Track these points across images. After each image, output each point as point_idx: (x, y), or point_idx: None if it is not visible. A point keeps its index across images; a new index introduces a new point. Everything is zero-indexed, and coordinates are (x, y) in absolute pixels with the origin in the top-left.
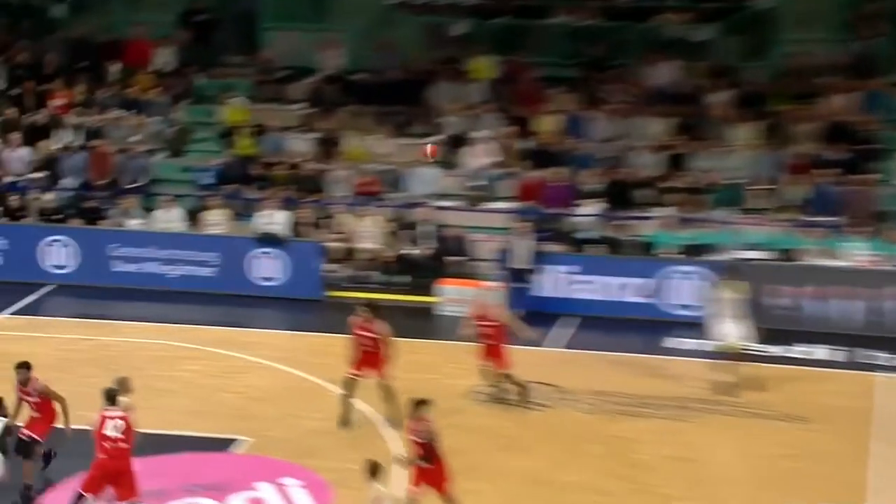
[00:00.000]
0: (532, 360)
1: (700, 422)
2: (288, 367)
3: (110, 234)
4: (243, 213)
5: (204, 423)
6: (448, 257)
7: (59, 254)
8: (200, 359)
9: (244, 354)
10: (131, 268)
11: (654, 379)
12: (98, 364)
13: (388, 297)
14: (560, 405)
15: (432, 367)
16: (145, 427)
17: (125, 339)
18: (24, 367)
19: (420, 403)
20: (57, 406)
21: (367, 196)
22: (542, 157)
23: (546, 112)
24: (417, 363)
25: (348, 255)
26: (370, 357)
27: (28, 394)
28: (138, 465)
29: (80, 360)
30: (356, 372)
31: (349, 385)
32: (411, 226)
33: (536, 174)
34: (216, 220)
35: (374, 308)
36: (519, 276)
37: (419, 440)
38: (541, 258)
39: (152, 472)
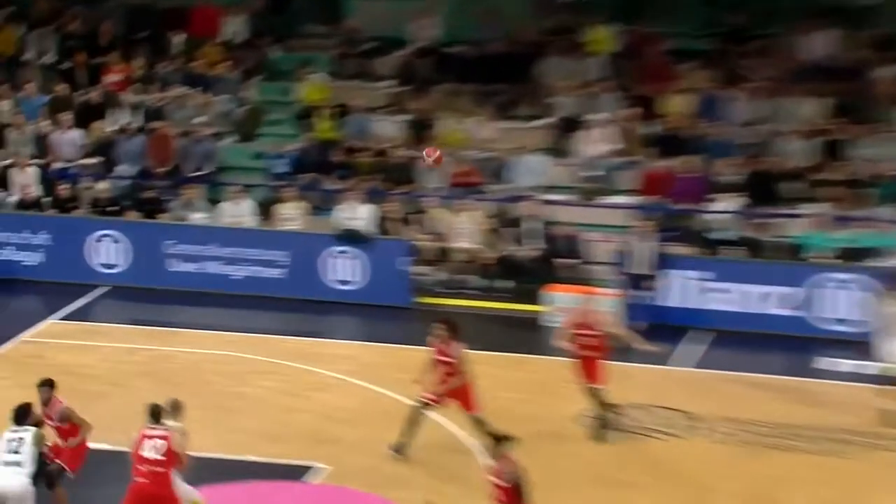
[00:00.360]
0: (655, 380)
1: (862, 458)
2: (370, 383)
3: (166, 230)
4: (322, 206)
5: (275, 447)
6: (558, 259)
7: (108, 251)
8: (271, 373)
9: (321, 369)
10: (190, 267)
11: (803, 406)
12: (156, 378)
13: (487, 304)
14: (688, 434)
15: (537, 387)
16: (209, 451)
17: (185, 349)
18: (47, 385)
19: (502, 440)
20: (83, 432)
21: (464, 188)
22: (670, 144)
23: (676, 91)
24: (520, 382)
25: (442, 256)
26: (448, 383)
27: (49, 417)
28: (201, 494)
29: (134, 372)
30: (432, 398)
31: (420, 410)
32: (515, 223)
33: (663, 164)
34: (291, 215)
35: (452, 327)
36: (640, 282)
37: (503, 484)
38: (666, 262)
39: (216, 503)
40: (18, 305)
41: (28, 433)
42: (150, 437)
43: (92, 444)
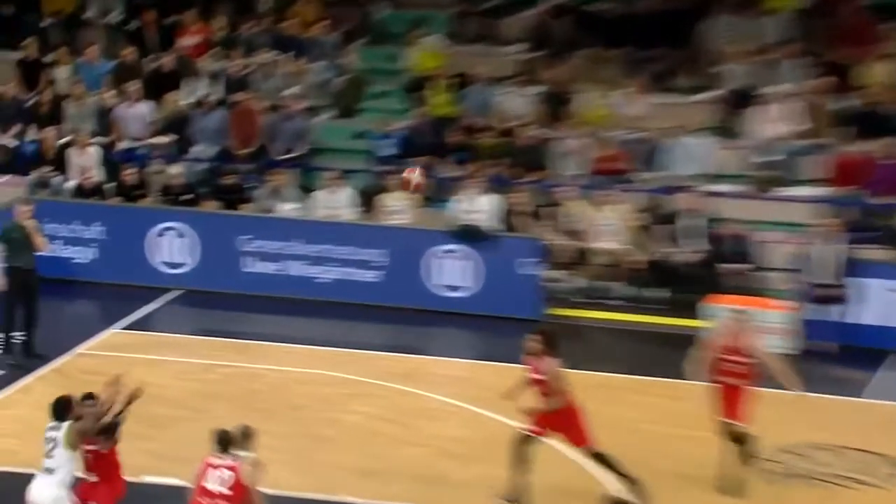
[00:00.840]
0: (847, 415)
1: None
2: (489, 410)
3: (240, 223)
4: (436, 196)
5: (376, 485)
6: (723, 265)
7: (172, 247)
8: (368, 396)
9: (426, 391)
10: (269, 268)
11: None
12: (236, 401)
13: (635, 318)
14: (889, 484)
15: (695, 421)
16: (293, 489)
17: (268, 366)
18: (88, 399)
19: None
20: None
21: (608, 176)
22: (868, 123)
23: (877, 57)
24: (673, 413)
25: (580, 259)
26: (544, 405)
27: (90, 441)
28: None
29: (209, 393)
30: (534, 429)
31: (524, 444)
32: (671, 219)
33: (859, 147)
34: (398, 206)
35: (548, 338)
36: (825, 294)
37: None
38: (859, 269)
39: None
40: (74, 311)
41: (61, 431)
42: (216, 468)
43: (156, 479)
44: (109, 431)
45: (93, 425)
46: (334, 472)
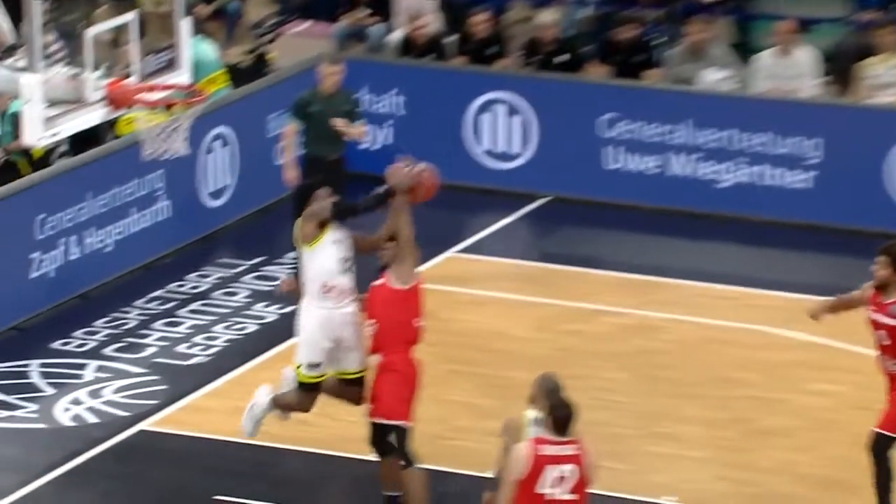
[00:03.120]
0: None
1: None
2: None
3: (600, 94)
4: None
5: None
6: None
7: (497, 128)
8: (835, 369)
9: None
10: (643, 165)
11: None
12: (634, 370)
13: None
14: None
15: None
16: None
17: (672, 314)
18: None
19: None
20: None
21: None
22: None
23: None
24: None
25: None
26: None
27: None
28: None
29: (593, 355)
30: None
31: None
32: None
33: None
34: (889, 76)
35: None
36: None
37: None
38: None
39: None
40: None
41: None
42: (555, 460)
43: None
44: None
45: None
46: (788, 482)
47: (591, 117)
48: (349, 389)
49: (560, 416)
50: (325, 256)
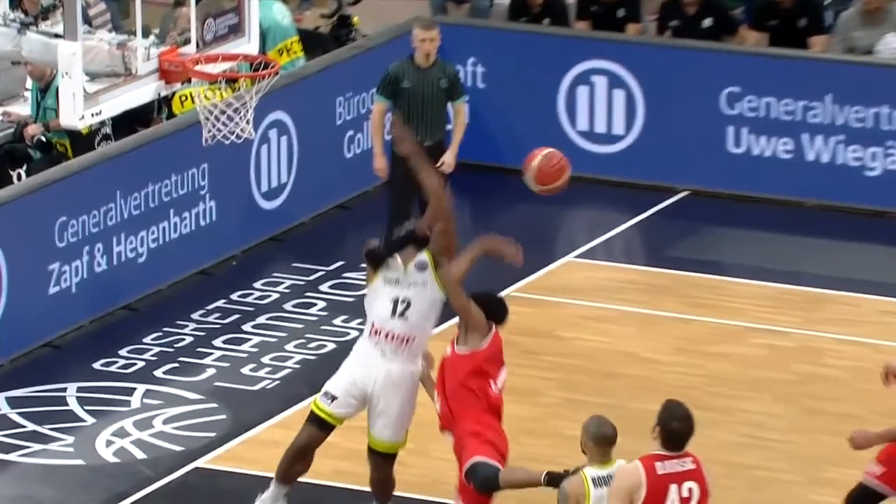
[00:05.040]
0: None
1: None
2: None
3: (716, 61)
4: None
5: None
6: None
7: (596, 103)
8: None
9: None
10: (771, 149)
11: None
12: (788, 401)
13: None
14: None
15: None
16: None
17: (832, 333)
18: None
19: None
20: None
21: None
22: None
23: None
24: None
25: None
26: None
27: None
28: None
29: (740, 383)
30: None
31: None
32: None
33: None
34: None
35: None
36: None
37: None
38: None
39: None
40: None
41: None
42: (676, 477)
43: None
44: None
45: None
46: None
47: (716, 88)
48: (370, 458)
49: (677, 429)
50: (376, 298)
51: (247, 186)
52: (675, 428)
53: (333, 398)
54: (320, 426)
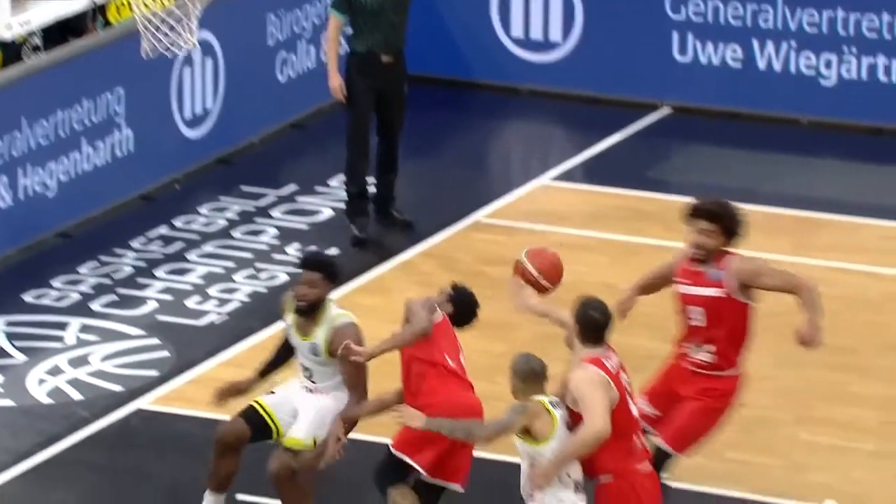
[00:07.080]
0: None
1: None
2: None
3: None
4: None
5: None
6: None
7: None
8: None
9: None
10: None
11: None
12: (776, 324)
13: None
14: None
15: None
16: None
17: (835, 263)
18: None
19: None
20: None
21: None
22: None
23: None
24: None
25: None
26: None
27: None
28: None
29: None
30: None
31: None
32: None
33: None
34: None
35: None
36: None
37: None
38: None
39: None
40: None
41: None
42: (621, 371)
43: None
44: None
45: None
46: None
47: None
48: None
49: (595, 318)
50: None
51: (168, 113)
52: (593, 317)
53: (272, 393)
54: (248, 419)
